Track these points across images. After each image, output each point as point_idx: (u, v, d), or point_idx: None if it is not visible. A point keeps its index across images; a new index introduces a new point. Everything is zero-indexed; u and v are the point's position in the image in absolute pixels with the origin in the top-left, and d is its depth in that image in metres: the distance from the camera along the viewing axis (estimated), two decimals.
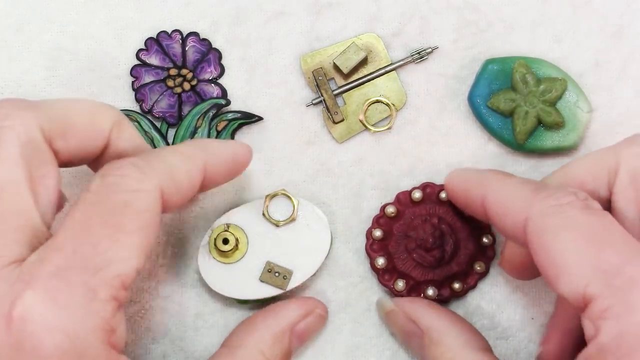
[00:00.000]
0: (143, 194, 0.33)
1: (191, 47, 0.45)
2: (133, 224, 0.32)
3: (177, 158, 0.35)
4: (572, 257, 0.31)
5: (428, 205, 0.43)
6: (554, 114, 0.44)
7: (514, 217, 0.34)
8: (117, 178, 0.33)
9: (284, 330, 0.40)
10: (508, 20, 0.46)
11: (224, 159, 0.38)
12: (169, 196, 0.34)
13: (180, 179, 0.35)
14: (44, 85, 0.45)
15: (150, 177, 0.33)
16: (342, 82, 0.46)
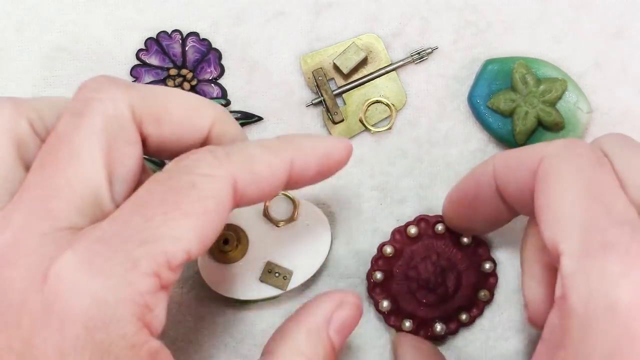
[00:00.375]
0: (212, 179, 0.31)
1: (191, 47, 0.45)
2: (193, 206, 0.31)
3: (260, 150, 0.34)
4: (567, 208, 0.31)
5: (425, 241, 0.43)
6: (553, 114, 0.44)
7: (528, 166, 0.34)
8: (191, 161, 0.32)
9: (318, 327, 0.37)
10: (508, 20, 0.46)
11: (316, 156, 0.35)
12: (244, 187, 0.32)
13: (259, 171, 0.33)
14: (44, 85, 0.45)
15: (225, 164, 0.32)
16: (342, 83, 0.46)
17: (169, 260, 0.30)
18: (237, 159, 0.32)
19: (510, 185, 0.35)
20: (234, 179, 0.32)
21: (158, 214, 0.30)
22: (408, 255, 0.43)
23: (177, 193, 0.31)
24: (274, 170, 0.33)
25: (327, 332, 0.37)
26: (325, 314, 0.37)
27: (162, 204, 0.30)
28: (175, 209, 0.30)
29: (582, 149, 0.33)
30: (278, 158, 0.34)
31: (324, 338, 0.37)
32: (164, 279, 0.30)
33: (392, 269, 0.43)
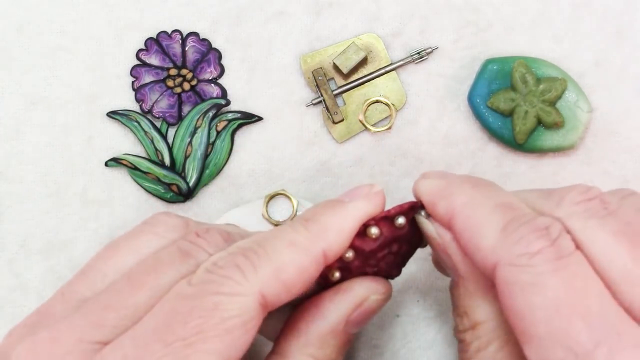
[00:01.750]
0: (237, 298, 0.31)
1: (191, 47, 0.45)
2: (216, 328, 0.31)
3: (290, 253, 0.33)
4: (543, 328, 0.29)
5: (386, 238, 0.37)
6: (553, 113, 0.44)
7: (483, 258, 0.32)
8: (217, 277, 0.32)
9: (333, 329, 0.35)
10: (508, 20, 0.46)
11: (348, 235, 0.34)
12: (273, 298, 0.32)
13: (288, 278, 0.32)
14: (44, 85, 0.45)
15: (252, 280, 0.32)
16: (342, 82, 0.46)
17: None
18: (265, 271, 0.32)
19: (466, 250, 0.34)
20: (262, 294, 0.32)
21: (178, 340, 0.30)
22: (368, 254, 0.37)
23: (200, 316, 0.31)
24: (304, 273, 0.33)
25: (345, 330, 0.35)
26: (341, 315, 0.35)
27: (183, 328, 0.30)
28: (196, 333, 0.30)
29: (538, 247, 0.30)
30: (309, 258, 0.33)
31: (339, 336, 0.35)
32: None
33: (350, 267, 0.37)
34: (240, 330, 0.31)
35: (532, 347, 0.30)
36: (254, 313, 0.32)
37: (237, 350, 0.31)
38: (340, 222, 0.34)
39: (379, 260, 0.36)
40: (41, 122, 0.45)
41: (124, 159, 0.45)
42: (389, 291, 0.36)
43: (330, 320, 0.35)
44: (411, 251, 0.38)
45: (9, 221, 0.45)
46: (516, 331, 0.30)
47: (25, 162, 0.45)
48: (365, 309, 0.36)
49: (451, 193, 0.35)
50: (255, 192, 0.45)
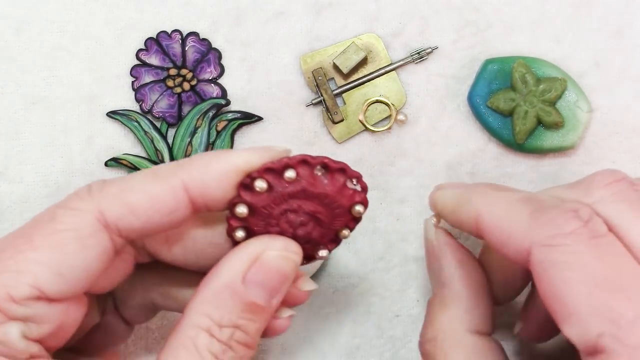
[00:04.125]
0: (74, 212, 0.32)
1: (191, 47, 0.45)
2: (46, 239, 0.31)
3: (142, 179, 0.33)
4: (583, 303, 0.30)
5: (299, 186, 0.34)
6: (553, 113, 0.43)
7: (516, 245, 0.32)
8: (71, 195, 0.33)
9: (227, 285, 0.33)
10: (508, 20, 0.46)
11: (217, 175, 0.33)
12: (117, 219, 0.32)
13: (134, 202, 0.32)
14: (43, 85, 0.45)
15: (94, 197, 0.32)
16: (342, 82, 0.46)
17: (9, 294, 0.31)
18: (110, 191, 0.32)
19: (497, 245, 0.34)
20: (101, 212, 0.32)
21: (10, 247, 0.31)
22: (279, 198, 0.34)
23: (35, 226, 0.32)
24: (155, 199, 0.32)
25: (244, 291, 0.33)
26: (236, 271, 0.33)
27: (19, 237, 0.32)
28: (27, 242, 0.31)
29: (571, 227, 0.31)
30: (162, 185, 0.32)
31: (238, 298, 0.33)
32: (9, 312, 0.31)
33: (250, 225, 0.35)
34: (74, 245, 0.31)
35: (573, 324, 0.30)
36: (92, 229, 0.32)
37: (72, 268, 0.32)
38: (212, 161, 0.33)
39: (291, 212, 0.34)
40: (41, 122, 0.45)
41: (123, 159, 0.45)
42: (290, 249, 0.34)
43: (224, 276, 0.33)
44: (333, 233, 0.35)
45: (9, 221, 0.45)
46: (554, 311, 0.31)
47: (25, 162, 0.45)
48: (264, 267, 0.33)
49: (471, 197, 0.35)
50: None
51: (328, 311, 0.44)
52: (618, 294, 0.30)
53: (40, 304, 0.32)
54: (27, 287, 0.31)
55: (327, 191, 0.34)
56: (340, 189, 0.34)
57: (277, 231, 0.34)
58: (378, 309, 0.45)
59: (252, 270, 0.33)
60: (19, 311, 0.31)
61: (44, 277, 0.31)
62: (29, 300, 0.31)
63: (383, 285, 0.45)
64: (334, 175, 0.34)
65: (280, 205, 0.34)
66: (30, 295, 0.31)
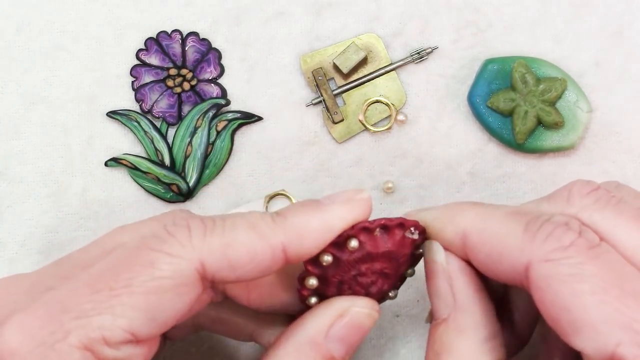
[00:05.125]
0: (175, 260, 0.31)
1: (191, 47, 0.45)
2: (145, 285, 0.31)
3: (245, 233, 0.32)
4: (596, 313, 0.29)
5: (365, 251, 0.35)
6: (553, 113, 0.43)
7: (511, 263, 0.32)
8: (164, 234, 0.32)
9: (311, 339, 0.34)
10: (508, 20, 0.46)
11: (315, 235, 0.33)
12: (214, 270, 0.32)
13: (235, 257, 0.32)
14: (43, 85, 0.45)
15: (195, 246, 0.31)
16: (342, 82, 0.46)
17: (104, 337, 0.30)
18: (213, 241, 0.32)
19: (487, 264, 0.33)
20: (202, 263, 0.31)
21: (106, 289, 0.30)
22: (346, 266, 0.35)
23: (132, 270, 0.31)
24: (255, 257, 0.32)
25: (325, 344, 0.34)
26: (320, 326, 0.34)
27: (114, 279, 0.31)
28: (125, 286, 0.31)
29: (568, 240, 0.31)
30: (264, 244, 0.32)
31: (320, 352, 0.34)
32: (100, 354, 0.30)
33: (327, 276, 0.35)
34: (170, 293, 0.31)
35: (586, 336, 0.29)
36: (190, 279, 0.31)
37: (164, 313, 0.31)
38: (310, 222, 0.33)
39: (360, 276, 0.35)
40: (41, 122, 0.45)
41: (123, 158, 0.45)
42: (373, 307, 0.35)
43: (309, 330, 0.34)
44: (399, 277, 0.37)
45: (9, 221, 0.45)
46: (561, 325, 0.30)
47: (25, 162, 0.45)
48: (348, 323, 0.34)
49: (454, 216, 0.35)
50: (255, 192, 0.45)
51: None
52: (630, 300, 0.29)
53: (129, 346, 0.31)
54: (122, 331, 0.30)
55: (389, 249, 0.35)
56: (401, 241, 0.35)
57: (350, 293, 0.35)
58: None
59: (336, 326, 0.34)
60: (110, 354, 0.31)
61: (138, 322, 0.31)
62: (122, 344, 0.31)
63: None
64: (393, 231, 0.35)
65: (349, 272, 0.35)
66: (123, 339, 0.31)
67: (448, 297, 0.36)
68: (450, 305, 0.36)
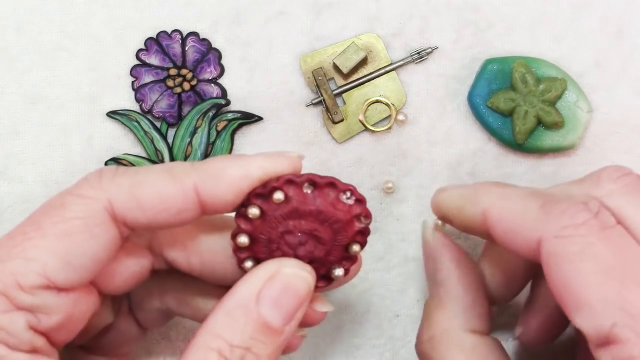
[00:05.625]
0: (83, 200, 0.32)
1: (191, 47, 0.45)
2: (55, 227, 0.31)
3: (156, 175, 0.32)
4: (596, 293, 0.30)
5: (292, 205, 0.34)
6: (553, 113, 0.43)
7: (525, 237, 0.32)
8: (81, 181, 0.32)
9: (241, 303, 0.32)
10: (508, 20, 0.46)
11: (231, 179, 0.33)
12: (124, 212, 0.32)
13: (144, 197, 0.32)
14: (44, 85, 0.45)
15: (105, 187, 0.32)
16: (341, 82, 0.46)
17: (18, 281, 0.30)
18: (121, 182, 0.32)
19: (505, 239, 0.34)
20: (110, 202, 0.32)
21: (19, 234, 0.31)
22: (273, 221, 0.34)
23: (45, 213, 0.31)
24: (164, 198, 0.32)
25: (256, 309, 0.32)
26: (250, 290, 0.33)
27: (28, 224, 0.31)
28: (36, 229, 0.31)
29: (581, 219, 0.31)
30: (174, 184, 0.32)
31: (251, 316, 0.32)
32: (17, 300, 0.30)
33: (256, 234, 0.34)
34: (82, 235, 0.31)
35: (584, 314, 0.30)
36: (100, 219, 0.31)
37: (79, 256, 0.31)
38: (227, 167, 0.33)
39: (288, 233, 0.34)
40: (41, 122, 0.45)
41: (123, 159, 0.45)
42: (303, 268, 0.34)
43: (239, 295, 0.33)
44: (341, 250, 0.35)
45: (9, 221, 0.45)
46: (565, 302, 0.31)
47: (25, 162, 0.45)
48: (278, 285, 0.33)
49: (477, 195, 0.35)
50: None
51: None
52: (631, 284, 0.30)
53: (48, 293, 0.31)
54: (35, 275, 0.31)
55: (318, 207, 0.34)
56: (333, 203, 0.34)
57: (279, 255, 0.34)
58: (378, 309, 0.45)
59: (266, 287, 0.33)
60: (26, 300, 0.31)
61: (53, 265, 0.31)
62: (38, 289, 0.31)
63: (383, 285, 0.45)
64: (323, 190, 0.34)
65: (277, 228, 0.34)
66: (39, 283, 0.31)
67: (434, 273, 0.39)
68: (435, 281, 0.38)
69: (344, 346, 0.45)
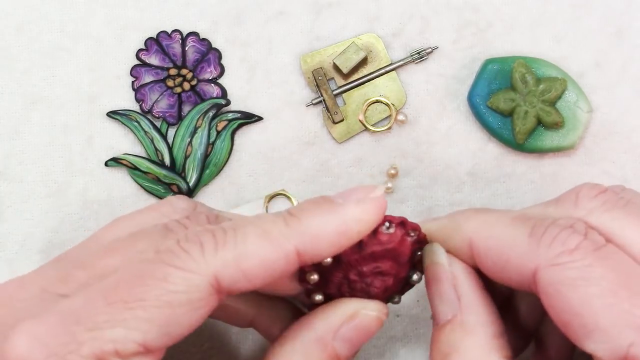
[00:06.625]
0: (188, 275, 0.31)
1: (191, 47, 0.45)
2: (159, 299, 0.30)
3: (257, 242, 0.32)
4: (606, 315, 0.29)
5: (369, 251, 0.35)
6: (553, 113, 0.44)
7: (518, 269, 0.32)
8: (177, 249, 0.31)
9: (318, 339, 0.34)
10: (508, 20, 0.46)
11: (328, 238, 0.32)
12: (229, 283, 0.31)
13: (249, 267, 0.31)
14: (44, 85, 0.45)
15: (209, 260, 0.31)
16: (342, 82, 0.46)
17: (117, 349, 0.30)
18: (226, 255, 0.31)
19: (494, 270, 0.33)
20: (216, 277, 0.31)
21: (119, 302, 0.30)
22: (347, 264, 0.35)
23: (146, 283, 0.31)
24: (269, 265, 0.32)
25: (332, 344, 0.34)
26: (330, 326, 0.34)
27: (128, 292, 0.30)
28: (139, 299, 0.30)
29: (574, 243, 0.31)
30: (277, 252, 0.32)
31: (326, 351, 0.34)
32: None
33: (327, 275, 0.36)
34: (184, 308, 0.31)
35: (597, 339, 0.30)
36: (204, 294, 0.31)
37: (178, 326, 0.31)
38: (325, 225, 0.32)
39: (364, 276, 0.35)
40: (41, 122, 0.45)
41: (123, 158, 0.45)
42: (382, 310, 0.35)
43: (318, 329, 0.34)
44: (401, 280, 0.36)
45: (9, 221, 0.45)
46: (572, 329, 0.30)
47: (25, 162, 0.45)
48: (357, 325, 0.34)
49: (460, 224, 0.35)
50: (255, 192, 0.45)
51: None
52: (638, 299, 0.29)
53: (139, 357, 0.31)
54: (135, 344, 0.30)
55: (390, 247, 0.35)
56: (402, 241, 0.35)
57: (349, 293, 0.35)
58: None
59: (345, 327, 0.34)
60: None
61: (152, 335, 0.30)
62: (135, 356, 0.31)
63: None
64: (395, 231, 0.35)
65: (368, 263, 0.35)
66: (135, 351, 0.30)
67: (451, 298, 0.36)
68: (454, 306, 0.35)
69: None
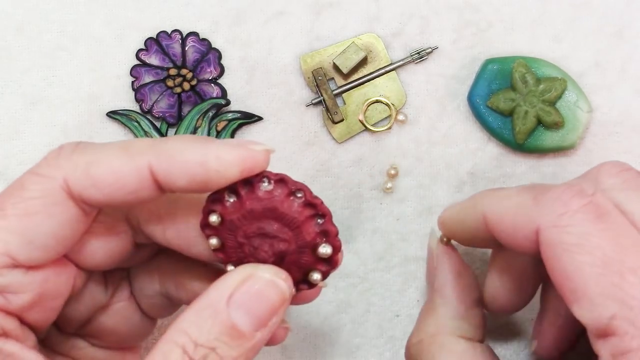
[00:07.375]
0: (41, 179, 0.32)
1: (191, 47, 0.45)
2: (15, 207, 0.31)
3: (111, 152, 0.32)
4: (594, 285, 0.30)
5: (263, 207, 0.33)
6: (553, 113, 0.43)
7: (524, 231, 0.32)
8: (42, 160, 0.33)
9: (210, 304, 0.32)
10: (508, 20, 0.46)
11: (186, 164, 0.31)
12: (80, 190, 0.31)
13: (99, 175, 0.31)
14: (44, 85, 0.45)
15: (60, 166, 0.32)
16: (341, 82, 0.46)
17: None
18: (79, 159, 0.32)
19: (507, 239, 0.34)
20: (66, 181, 0.32)
21: None
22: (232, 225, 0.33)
23: (7, 194, 0.32)
24: (118, 176, 0.32)
25: (226, 311, 0.31)
26: (222, 291, 0.32)
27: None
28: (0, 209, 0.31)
29: (577, 205, 0.31)
30: (129, 162, 0.32)
31: (219, 318, 0.31)
32: None
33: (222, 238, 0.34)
34: (41, 214, 0.31)
35: (583, 306, 0.30)
36: (57, 198, 0.32)
37: (40, 235, 0.31)
38: (185, 150, 0.32)
39: (250, 238, 0.33)
40: (41, 122, 0.45)
41: None
42: (278, 274, 0.33)
43: (211, 295, 0.32)
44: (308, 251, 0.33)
45: None
46: (564, 292, 0.31)
47: (25, 162, 0.45)
48: (249, 289, 0.32)
49: (476, 203, 0.36)
50: None
51: (328, 311, 0.44)
52: (630, 275, 0.30)
53: (15, 272, 0.32)
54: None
55: (267, 205, 0.33)
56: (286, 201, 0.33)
57: (250, 258, 0.33)
58: (378, 309, 0.45)
59: (238, 291, 0.32)
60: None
61: (15, 244, 0.31)
62: (3, 269, 0.31)
63: (383, 285, 0.45)
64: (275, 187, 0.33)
65: (251, 222, 0.33)
66: (3, 263, 0.31)
67: (433, 280, 0.40)
68: (432, 287, 0.40)
69: (344, 346, 0.45)
